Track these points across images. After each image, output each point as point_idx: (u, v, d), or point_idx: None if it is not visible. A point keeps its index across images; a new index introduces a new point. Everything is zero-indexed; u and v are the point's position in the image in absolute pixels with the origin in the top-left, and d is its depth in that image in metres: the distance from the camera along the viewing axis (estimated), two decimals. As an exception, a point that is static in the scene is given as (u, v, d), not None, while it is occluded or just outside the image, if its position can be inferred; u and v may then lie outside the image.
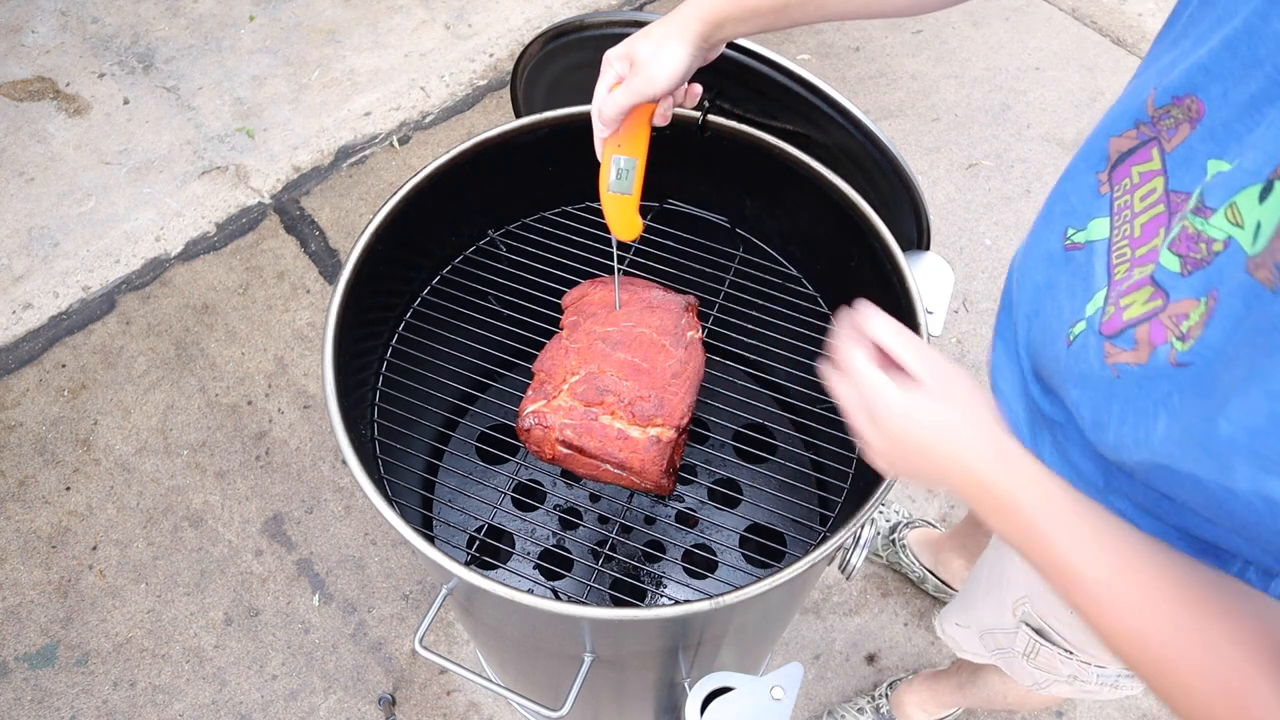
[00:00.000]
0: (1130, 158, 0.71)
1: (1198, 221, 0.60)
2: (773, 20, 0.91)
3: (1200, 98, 0.63)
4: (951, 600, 1.34)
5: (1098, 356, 0.70)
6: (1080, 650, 1.03)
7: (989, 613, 1.18)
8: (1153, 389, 0.64)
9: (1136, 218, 0.70)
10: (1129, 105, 0.73)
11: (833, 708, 1.82)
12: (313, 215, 2.50)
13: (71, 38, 2.85)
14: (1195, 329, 0.59)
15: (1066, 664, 1.07)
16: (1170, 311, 0.62)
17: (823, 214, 1.19)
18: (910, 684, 1.76)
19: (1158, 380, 0.63)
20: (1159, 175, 0.68)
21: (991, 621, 1.18)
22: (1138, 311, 0.66)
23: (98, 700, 1.84)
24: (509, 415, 1.19)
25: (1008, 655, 1.18)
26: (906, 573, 1.96)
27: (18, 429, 2.14)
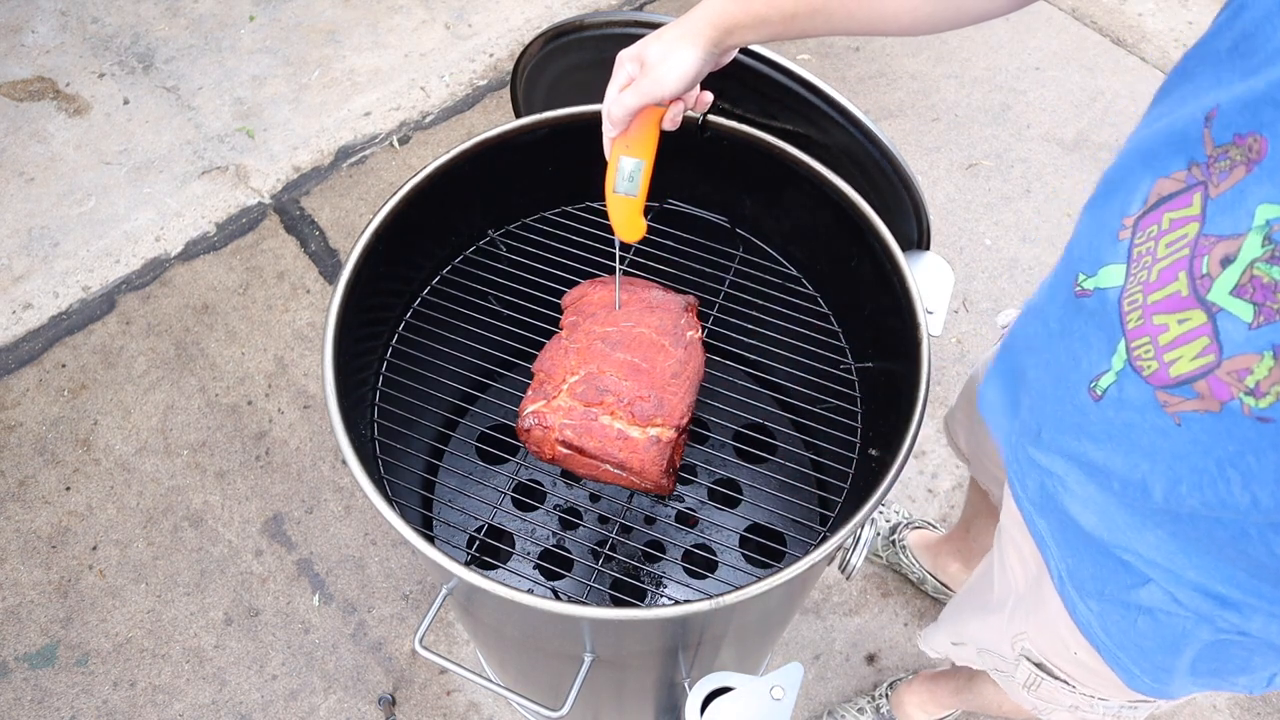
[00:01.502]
0: (1167, 203, 0.66)
1: (1274, 270, 0.55)
2: (781, 29, 0.91)
3: (1265, 136, 0.57)
4: (940, 619, 1.33)
5: (1148, 406, 0.66)
6: (1082, 684, 1.02)
7: (986, 635, 1.17)
8: (1230, 438, 0.60)
9: (1156, 264, 0.65)
10: (1180, 139, 0.65)
11: (833, 708, 1.82)
12: (313, 215, 2.50)
13: (71, 38, 2.85)
14: (1267, 384, 0.56)
15: (1068, 696, 1.06)
16: (1227, 368, 0.59)
17: (823, 214, 1.19)
18: (910, 684, 1.76)
19: (1236, 429, 0.59)
20: (1194, 221, 0.62)
21: (989, 644, 1.17)
22: (1188, 367, 0.62)
23: (98, 700, 1.84)
24: (509, 415, 1.19)
25: (1006, 679, 1.17)
26: (906, 573, 1.96)
27: (18, 429, 2.14)
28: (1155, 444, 0.67)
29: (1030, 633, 1.03)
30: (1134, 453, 0.70)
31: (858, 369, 1.24)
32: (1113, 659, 0.89)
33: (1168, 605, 0.78)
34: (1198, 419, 0.62)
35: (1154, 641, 0.83)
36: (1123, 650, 0.87)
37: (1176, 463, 0.66)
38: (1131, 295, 0.67)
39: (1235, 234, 0.58)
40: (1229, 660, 0.81)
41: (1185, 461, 0.65)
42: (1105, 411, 0.71)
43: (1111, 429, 0.71)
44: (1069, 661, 0.99)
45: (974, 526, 1.69)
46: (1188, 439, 0.64)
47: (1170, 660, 0.83)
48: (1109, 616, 0.86)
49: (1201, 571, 0.73)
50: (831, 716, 1.81)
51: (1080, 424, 0.75)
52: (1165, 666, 0.85)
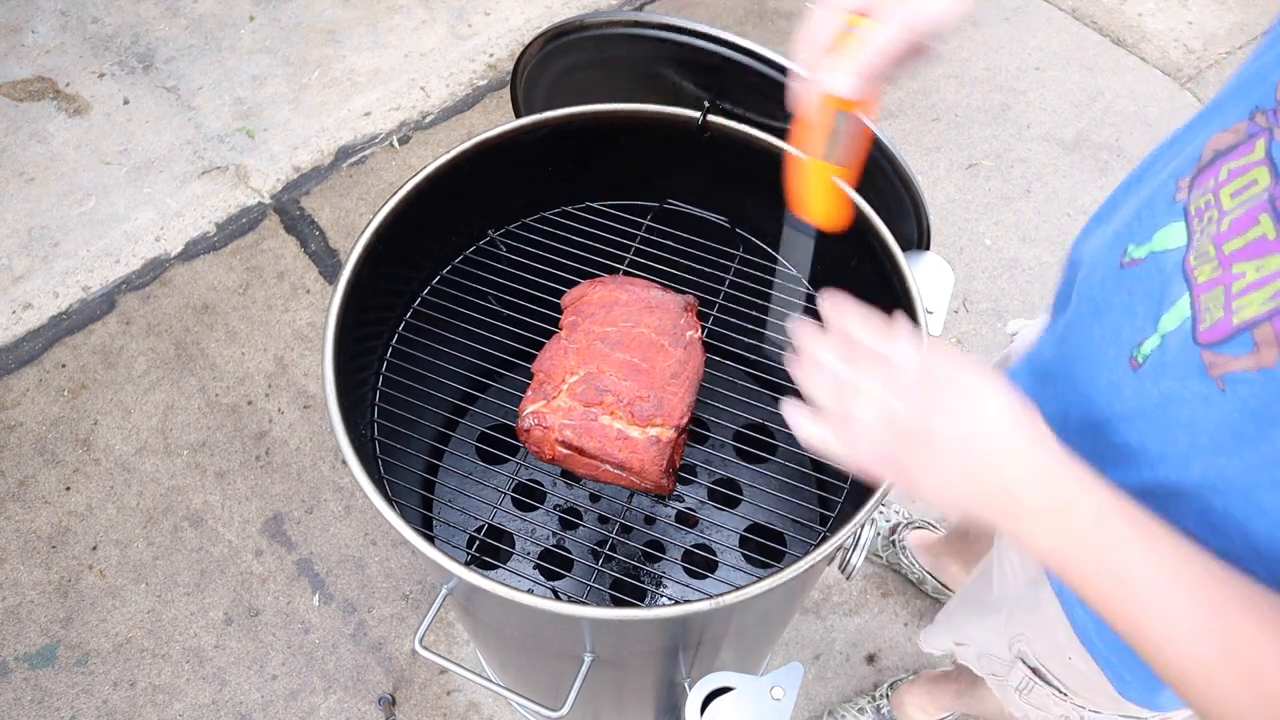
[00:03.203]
0: (1224, 156, 0.63)
1: None
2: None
3: None
4: (939, 618, 1.33)
5: (1192, 370, 0.62)
6: (1075, 694, 1.01)
7: (984, 636, 1.17)
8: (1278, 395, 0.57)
9: (1225, 216, 0.61)
10: (1246, 90, 0.63)
11: (833, 708, 1.82)
12: (313, 215, 2.50)
13: (71, 38, 2.85)
14: None
15: (1060, 705, 1.06)
16: None
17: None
18: (911, 685, 1.76)
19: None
20: (1261, 166, 0.60)
21: (987, 646, 1.17)
22: (1255, 311, 0.58)
23: (98, 700, 1.84)
24: (509, 415, 1.19)
25: (1000, 683, 1.17)
26: (906, 573, 1.97)
27: (18, 429, 2.14)
28: (1195, 414, 0.63)
29: (1028, 635, 1.03)
30: (1172, 427, 0.66)
31: (858, 369, 1.24)
32: (1106, 664, 0.89)
33: None
34: (1244, 380, 0.59)
35: None
36: (1116, 655, 0.87)
37: (1219, 432, 0.62)
38: (1200, 249, 0.63)
39: None
40: None
41: (1227, 429, 0.61)
42: (1143, 383, 0.68)
43: (1146, 403, 0.68)
44: (1063, 667, 0.99)
45: (972, 530, 1.69)
46: (1233, 405, 0.60)
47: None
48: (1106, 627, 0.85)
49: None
50: (832, 716, 1.81)
51: (1112, 402, 0.72)
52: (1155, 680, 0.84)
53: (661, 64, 1.20)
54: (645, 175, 1.34)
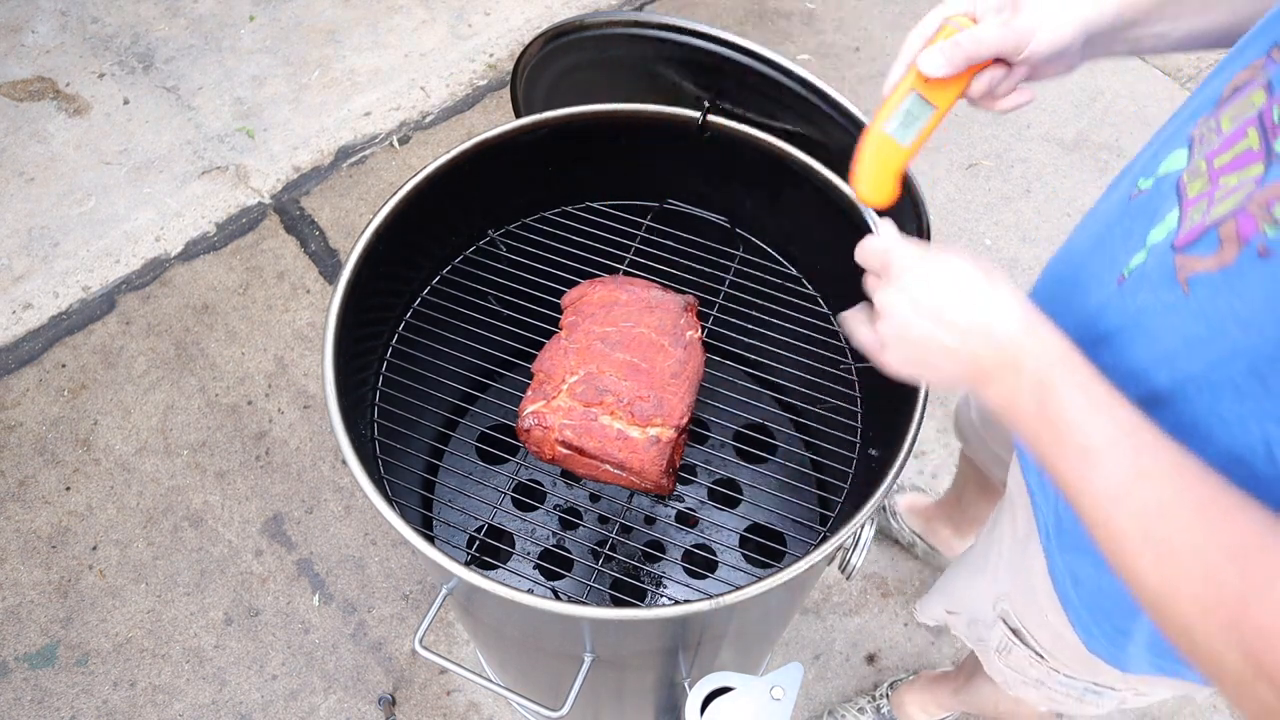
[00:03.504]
0: (1239, 92, 0.66)
1: None
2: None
3: None
4: (935, 587, 1.34)
5: (1165, 277, 0.66)
6: (1051, 656, 1.03)
7: (972, 597, 1.18)
8: (1234, 291, 0.60)
9: (1221, 135, 0.64)
10: (1266, 26, 0.65)
11: (833, 708, 1.82)
12: (313, 215, 2.51)
13: (71, 38, 2.85)
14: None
15: (1035, 667, 1.07)
16: (1260, 197, 0.58)
17: (823, 214, 1.19)
18: (911, 685, 1.76)
19: (1239, 280, 0.59)
20: (1259, 89, 0.62)
21: (976, 610, 1.18)
22: (1228, 207, 0.61)
23: (98, 700, 1.84)
24: (509, 415, 1.19)
25: (984, 648, 1.18)
26: (896, 538, 1.99)
27: (18, 429, 2.14)
28: (1163, 323, 0.67)
29: (1012, 595, 1.05)
30: (1142, 338, 0.69)
31: (858, 369, 1.24)
32: (1075, 616, 0.90)
33: None
34: (1206, 281, 0.62)
35: (1114, 601, 0.84)
36: (1086, 608, 0.89)
37: (1183, 338, 0.65)
38: (1194, 166, 0.67)
39: None
40: None
41: (1189, 334, 0.65)
42: (1125, 298, 0.72)
43: (1125, 316, 0.71)
44: (1041, 626, 1.00)
45: (965, 496, 1.71)
46: (1194, 308, 0.64)
47: (1128, 624, 0.85)
48: (1081, 570, 0.87)
49: None
50: (832, 716, 1.81)
51: (1098, 322, 0.75)
52: (1123, 630, 0.86)
53: (661, 64, 1.20)
54: (645, 175, 1.34)
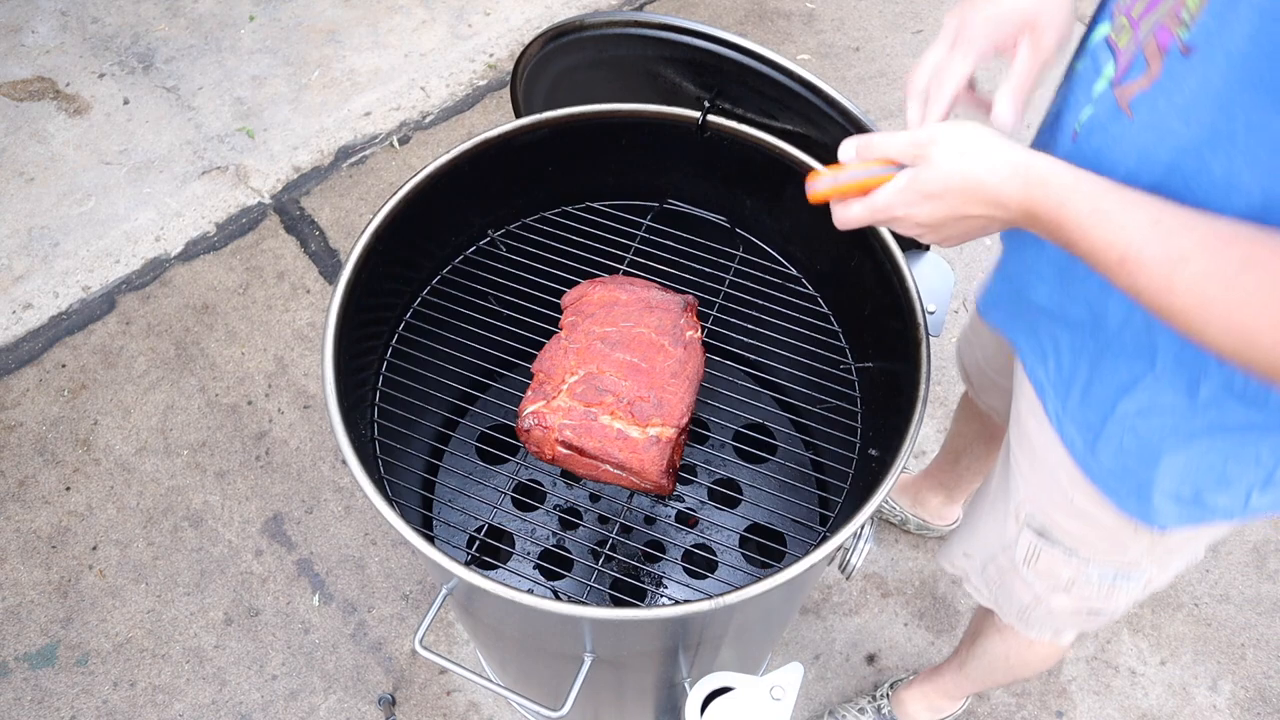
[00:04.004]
0: None
1: None
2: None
3: None
4: (955, 531, 1.35)
5: (1110, 113, 0.75)
6: (1080, 546, 1.04)
7: (993, 533, 1.18)
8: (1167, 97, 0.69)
9: (1135, 4, 0.75)
10: None
11: (833, 708, 1.82)
12: (313, 215, 2.51)
13: (71, 38, 2.85)
14: (1197, 9, 0.65)
15: (1066, 566, 1.08)
16: (1170, 10, 0.68)
17: (822, 214, 1.18)
18: (910, 684, 1.76)
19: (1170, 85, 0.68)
20: None
21: (995, 541, 1.18)
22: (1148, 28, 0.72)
23: (98, 700, 1.84)
24: (509, 415, 1.19)
25: (1007, 577, 1.18)
26: (888, 517, 2.01)
27: (18, 429, 2.14)
28: (1121, 153, 0.75)
29: (1033, 495, 1.06)
30: (1103, 174, 0.75)
31: (858, 369, 1.25)
32: (1102, 482, 0.93)
33: (1152, 404, 0.84)
34: (1144, 100, 0.72)
35: (1137, 455, 0.87)
36: (1109, 472, 0.92)
37: (1136, 161, 0.73)
38: (1118, 25, 0.77)
39: None
40: (1207, 471, 0.85)
41: (1139, 154, 0.73)
42: (1080, 149, 0.79)
43: (1085, 163, 0.76)
44: (1068, 514, 1.02)
45: (965, 457, 1.72)
46: (1139, 127, 0.72)
47: (1150, 472, 0.88)
48: (1099, 435, 0.90)
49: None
50: (832, 716, 1.81)
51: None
52: (1146, 481, 0.89)
53: (661, 64, 1.20)
54: (645, 175, 1.34)
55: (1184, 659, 1.92)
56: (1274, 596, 1.99)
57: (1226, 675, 1.90)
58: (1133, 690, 1.89)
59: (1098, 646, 1.93)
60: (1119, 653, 1.93)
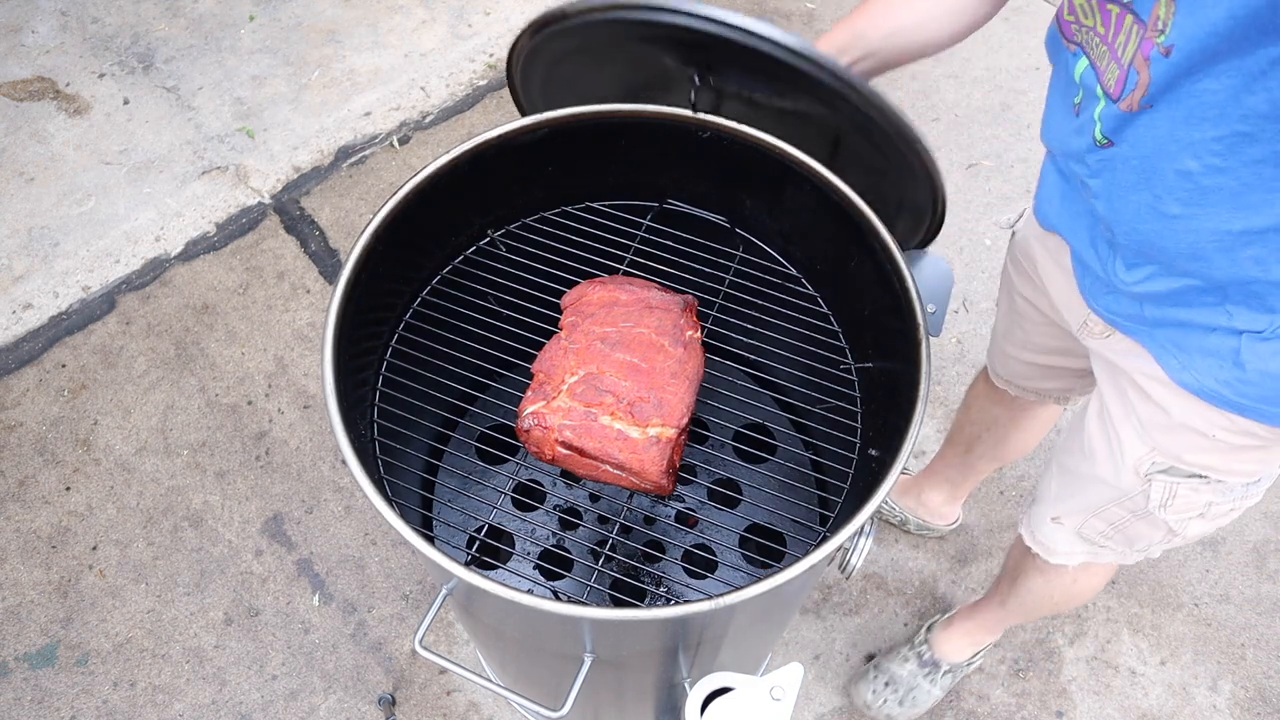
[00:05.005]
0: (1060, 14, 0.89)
1: None
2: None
3: None
4: (1039, 499, 1.35)
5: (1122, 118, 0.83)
6: (1220, 472, 1.05)
7: (1097, 494, 1.19)
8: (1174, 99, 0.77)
9: (1093, 27, 0.85)
10: None
11: (879, 661, 1.84)
12: (313, 215, 2.51)
13: (71, 38, 2.85)
14: (1168, 16, 0.74)
15: (1205, 493, 1.09)
16: (1148, 26, 0.76)
17: (823, 214, 1.19)
18: (950, 624, 1.79)
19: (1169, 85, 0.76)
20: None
21: (1104, 498, 1.19)
22: (1131, 49, 0.80)
23: (98, 700, 1.84)
24: (509, 415, 1.19)
25: (1126, 525, 1.19)
26: (888, 517, 2.02)
27: (18, 429, 2.14)
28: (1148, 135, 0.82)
29: (1157, 446, 1.07)
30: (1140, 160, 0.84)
31: (858, 369, 1.25)
32: (1255, 413, 0.94)
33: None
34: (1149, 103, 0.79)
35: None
36: (1264, 399, 0.92)
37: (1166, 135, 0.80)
38: (1098, 53, 0.85)
39: None
40: None
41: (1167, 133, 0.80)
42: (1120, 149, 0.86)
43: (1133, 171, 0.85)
44: (1207, 451, 1.03)
45: (978, 445, 1.73)
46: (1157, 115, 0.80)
47: None
48: (1243, 374, 0.91)
49: None
50: (877, 670, 1.82)
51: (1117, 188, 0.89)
52: None
53: (648, 45, 1.19)
54: (645, 175, 1.34)
55: (1184, 659, 1.92)
56: (1274, 596, 1.99)
57: (1226, 675, 1.90)
58: (1133, 690, 1.89)
59: (1098, 646, 1.93)
60: (1119, 653, 1.93)
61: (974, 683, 1.89)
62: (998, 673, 1.90)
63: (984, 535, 2.06)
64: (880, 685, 1.80)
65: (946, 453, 1.84)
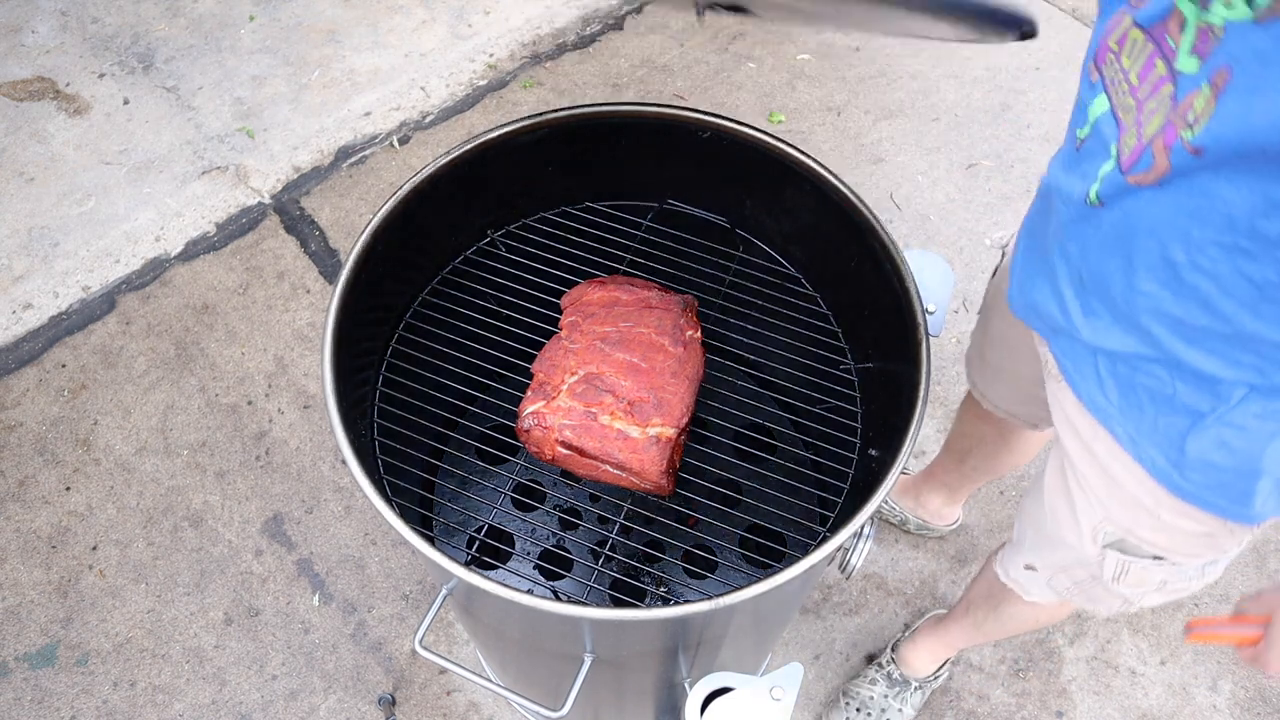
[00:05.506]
0: (1108, 34, 0.79)
1: (1204, 15, 0.66)
2: None
3: None
4: (1013, 543, 1.33)
5: (1124, 188, 0.77)
6: (1172, 554, 1.02)
7: (1063, 552, 1.17)
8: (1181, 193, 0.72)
9: (1129, 73, 0.77)
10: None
11: (845, 687, 1.83)
12: (313, 215, 2.51)
13: (71, 38, 2.85)
14: (1204, 113, 0.67)
15: (1158, 572, 1.06)
16: (1178, 110, 0.69)
17: (823, 214, 1.19)
18: (915, 640, 1.78)
19: (1182, 179, 0.71)
20: (1134, 29, 0.75)
21: (1068, 558, 1.17)
22: (1154, 128, 0.73)
23: (98, 700, 1.84)
24: (509, 416, 1.19)
25: (1088, 587, 1.17)
26: (888, 517, 2.02)
27: (18, 429, 2.14)
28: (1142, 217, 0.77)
29: (1110, 516, 1.04)
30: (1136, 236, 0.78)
31: (858, 369, 1.25)
32: (1197, 499, 0.91)
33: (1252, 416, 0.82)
34: (1154, 192, 0.74)
35: (1234, 469, 0.86)
36: (1206, 489, 0.89)
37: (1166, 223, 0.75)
38: (1123, 103, 0.78)
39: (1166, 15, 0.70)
40: None
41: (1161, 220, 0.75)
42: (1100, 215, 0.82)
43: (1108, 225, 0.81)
44: (1155, 529, 1.00)
45: (971, 458, 1.72)
46: (1154, 203, 0.75)
47: (1250, 482, 0.86)
48: (1184, 456, 0.88)
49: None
50: (845, 696, 1.81)
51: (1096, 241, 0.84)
52: (1247, 490, 0.87)
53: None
54: (645, 175, 1.34)
55: (1184, 659, 1.92)
56: (1274, 596, 1.99)
57: (1226, 675, 1.90)
58: (1133, 690, 1.89)
59: (1098, 646, 1.93)
60: (1119, 653, 1.93)
61: (974, 683, 1.89)
62: (998, 673, 1.90)
63: (984, 535, 2.05)
64: (853, 712, 1.80)
65: (943, 460, 1.84)
